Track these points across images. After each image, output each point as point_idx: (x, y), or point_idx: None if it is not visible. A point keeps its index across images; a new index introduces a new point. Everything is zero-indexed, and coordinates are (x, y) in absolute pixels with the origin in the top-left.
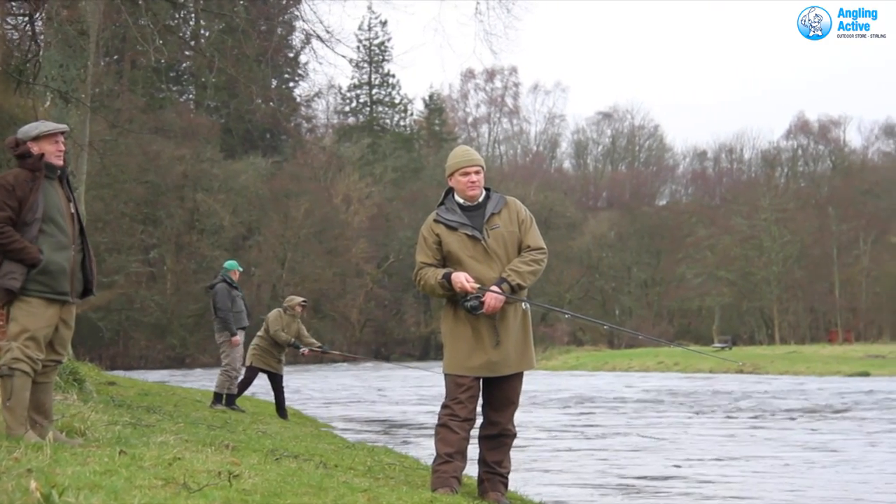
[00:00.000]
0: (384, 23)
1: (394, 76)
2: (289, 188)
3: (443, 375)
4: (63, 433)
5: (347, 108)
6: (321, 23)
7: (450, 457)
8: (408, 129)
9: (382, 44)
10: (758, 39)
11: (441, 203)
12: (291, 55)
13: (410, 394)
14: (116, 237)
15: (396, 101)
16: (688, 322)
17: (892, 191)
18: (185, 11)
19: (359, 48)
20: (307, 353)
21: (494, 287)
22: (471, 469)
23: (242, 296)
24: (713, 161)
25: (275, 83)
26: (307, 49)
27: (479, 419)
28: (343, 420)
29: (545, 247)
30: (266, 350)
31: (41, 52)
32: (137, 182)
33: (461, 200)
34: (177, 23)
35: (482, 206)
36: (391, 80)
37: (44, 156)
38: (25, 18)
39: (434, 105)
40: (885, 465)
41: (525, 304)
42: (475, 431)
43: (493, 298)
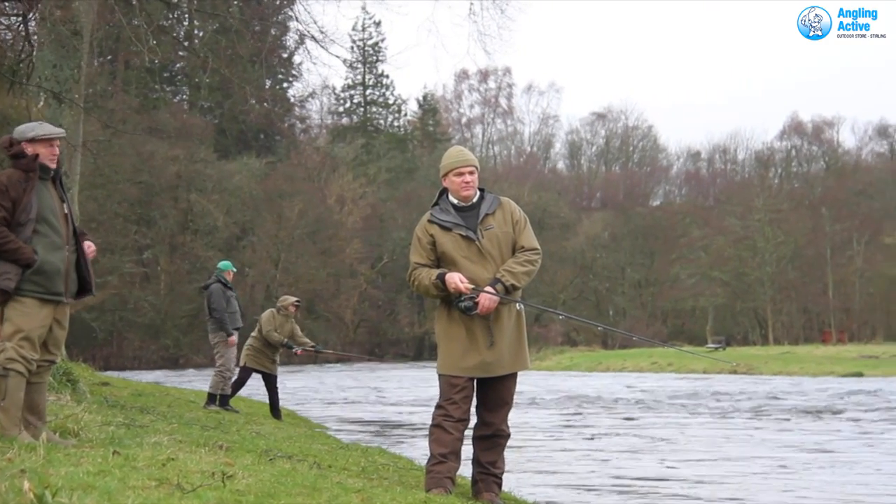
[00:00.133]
0: (378, 23)
1: (388, 77)
2: (283, 189)
3: (437, 374)
4: (56, 434)
5: (341, 109)
6: (315, 23)
7: (444, 457)
8: (402, 130)
9: (376, 44)
10: (751, 40)
11: (435, 203)
12: (285, 56)
13: (405, 394)
14: (110, 238)
15: (390, 102)
16: (681, 322)
17: (886, 191)
18: (179, 12)
19: (353, 49)
20: (300, 353)
21: (489, 288)
22: (465, 469)
23: (236, 296)
24: (707, 162)
25: (269, 84)
26: (301, 49)
27: (474, 420)
28: (337, 420)
29: (539, 247)
30: (260, 350)
31: (34, 53)
32: (131, 182)
33: (455, 201)
34: (171, 23)
35: (476, 207)
36: (385, 81)
37: (38, 157)
38: (19, 18)
39: (428, 105)
40: (883, 466)
41: (519, 305)
42: (469, 432)
43: (488, 299)
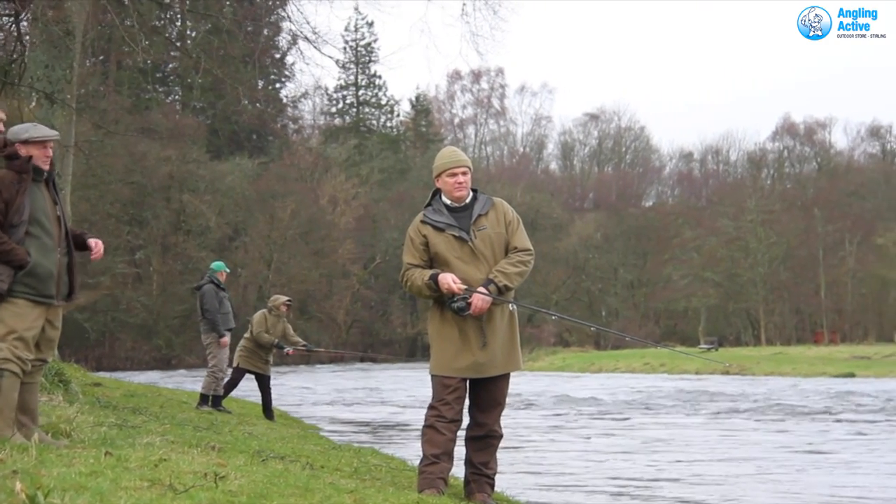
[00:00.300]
0: (371, 24)
1: (380, 77)
2: (275, 189)
3: (429, 375)
4: (48, 434)
5: (334, 109)
6: (308, 23)
7: (436, 458)
8: (394, 131)
9: (369, 45)
10: (744, 41)
11: (428, 204)
12: (278, 56)
13: (397, 395)
14: (102, 238)
15: (383, 103)
16: (674, 323)
17: (878, 192)
18: (172, 12)
19: (345, 49)
20: (292, 353)
21: (481, 288)
22: (457, 470)
23: (229, 297)
24: (699, 162)
25: (261, 84)
26: (294, 50)
27: (466, 420)
28: (329, 421)
29: (532, 248)
30: (253, 351)
31: (27, 53)
32: (123, 183)
33: (448, 201)
34: (163, 23)
35: (469, 208)
36: (378, 82)
37: (31, 158)
38: (11, 19)
39: (420, 106)
40: (878, 467)
41: (512, 306)
42: (462, 432)
43: (480, 300)
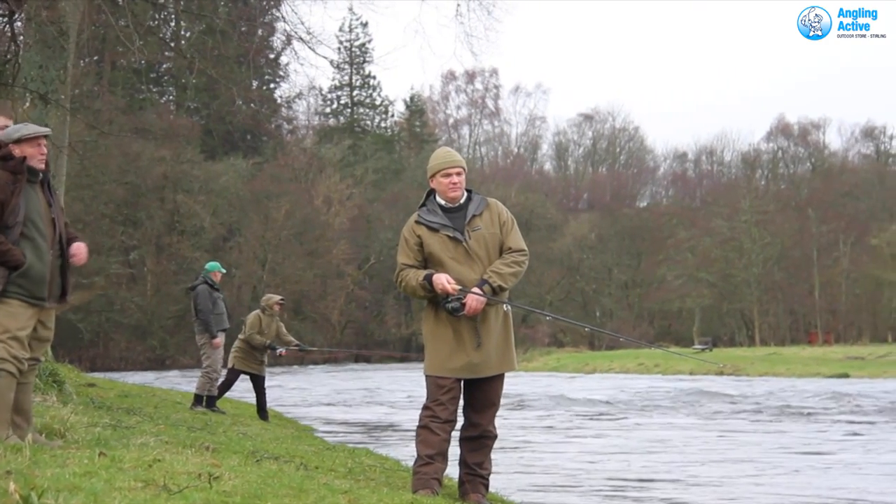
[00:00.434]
0: (365, 24)
1: (375, 78)
2: (269, 189)
3: (424, 376)
4: (42, 435)
5: (328, 110)
6: (302, 24)
7: (431, 458)
8: (388, 131)
9: (363, 45)
10: (737, 42)
11: (422, 204)
12: (272, 56)
13: (392, 395)
14: (96, 238)
15: (377, 103)
16: (668, 324)
17: (872, 193)
18: (166, 12)
19: (340, 50)
20: (285, 354)
21: (476, 289)
22: (452, 471)
23: (223, 297)
24: (693, 163)
25: (256, 84)
26: (288, 50)
27: (461, 421)
28: (324, 422)
29: (526, 248)
30: (247, 352)
31: (21, 53)
32: (117, 183)
33: (443, 202)
34: (157, 24)
35: (463, 208)
36: (372, 82)
37: (25, 159)
38: (4, 19)
39: (415, 107)
40: (875, 468)
41: (506, 306)
42: (456, 433)
43: (475, 300)
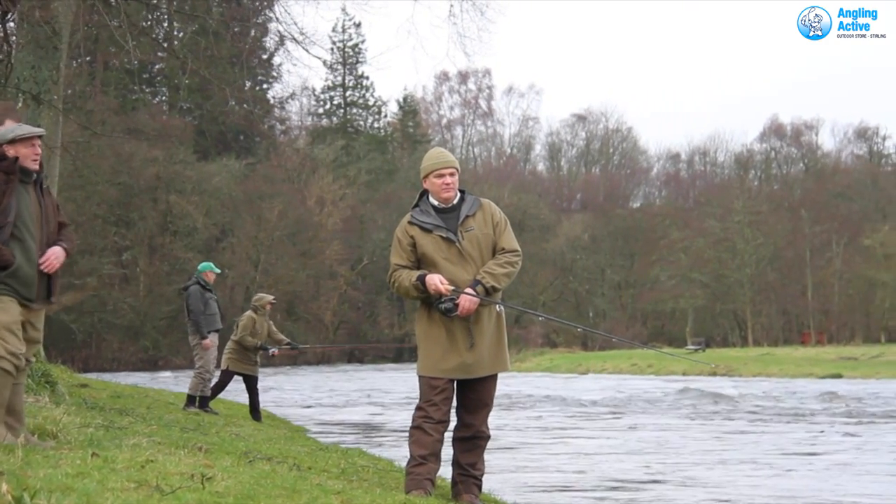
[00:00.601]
0: (358, 25)
1: (368, 78)
2: (262, 190)
3: (417, 376)
4: (35, 435)
5: (321, 110)
6: (295, 24)
7: (424, 459)
8: (382, 132)
9: (356, 46)
10: (732, 43)
11: (415, 205)
12: (265, 57)
13: (386, 396)
14: (89, 239)
15: (370, 103)
16: (661, 324)
17: (865, 194)
18: (159, 13)
19: (333, 50)
20: (277, 354)
21: (469, 289)
22: (445, 471)
23: (216, 298)
24: (686, 163)
25: (248, 85)
26: (281, 51)
27: (454, 421)
28: (317, 422)
29: (519, 249)
30: (240, 353)
31: (13, 54)
32: (110, 184)
33: (436, 202)
34: (150, 24)
35: (457, 209)
36: (365, 82)
37: (18, 159)
38: None
39: (408, 107)
40: (872, 468)
41: (499, 307)
42: (449, 434)
43: (468, 300)
